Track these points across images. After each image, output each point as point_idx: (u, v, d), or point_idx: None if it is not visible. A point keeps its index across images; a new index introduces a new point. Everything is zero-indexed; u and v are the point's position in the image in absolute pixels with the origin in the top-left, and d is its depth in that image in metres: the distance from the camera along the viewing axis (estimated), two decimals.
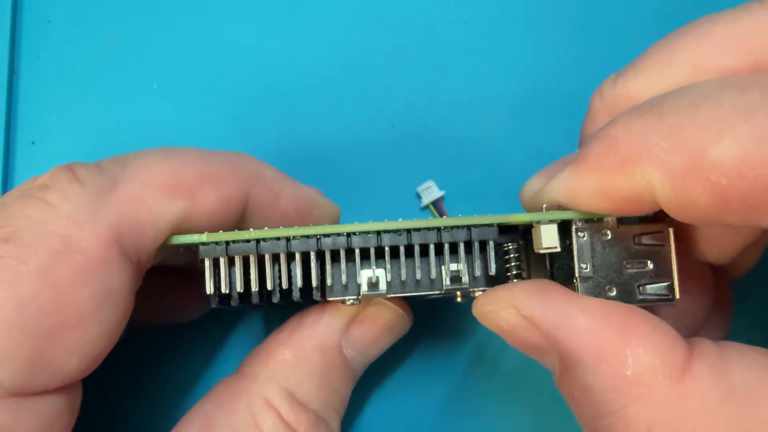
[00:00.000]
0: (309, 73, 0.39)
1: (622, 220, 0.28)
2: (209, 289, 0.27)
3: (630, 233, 0.28)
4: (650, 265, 0.28)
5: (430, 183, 0.42)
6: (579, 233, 0.28)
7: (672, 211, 0.23)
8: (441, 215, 0.41)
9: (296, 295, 0.28)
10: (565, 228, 0.28)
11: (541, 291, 0.26)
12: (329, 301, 0.29)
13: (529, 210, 0.30)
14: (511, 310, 0.26)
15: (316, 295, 0.29)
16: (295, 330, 0.30)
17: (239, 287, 0.27)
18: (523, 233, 0.30)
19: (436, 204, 0.42)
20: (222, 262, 0.27)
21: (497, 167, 0.40)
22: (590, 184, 0.25)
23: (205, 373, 0.37)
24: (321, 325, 0.30)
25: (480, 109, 0.40)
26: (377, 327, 0.31)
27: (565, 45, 0.40)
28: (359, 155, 0.39)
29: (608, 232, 0.28)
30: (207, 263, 0.27)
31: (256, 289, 0.28)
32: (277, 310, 0.37)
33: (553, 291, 0.26)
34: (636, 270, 0.28)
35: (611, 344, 0.22)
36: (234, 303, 0.28)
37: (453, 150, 0.41)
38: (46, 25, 0.37)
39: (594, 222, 0.28)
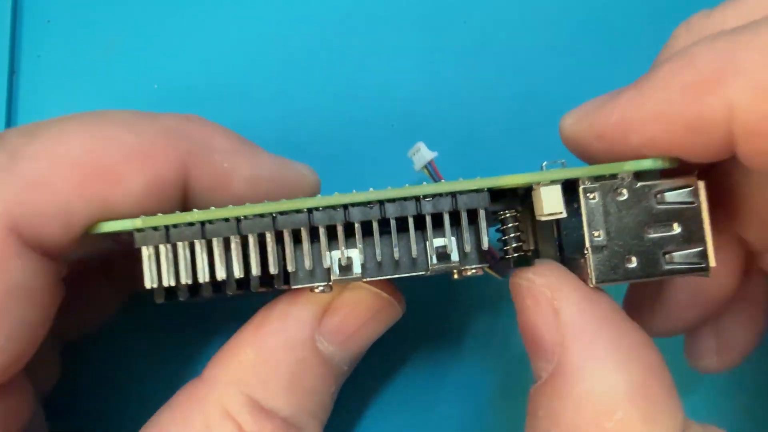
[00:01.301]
0: (304, 65, 0.37)
1: (640, 176, 0.23)
2: (149, 282, 0.23)
3: (651, 191, 0.23)
4: (677, 228, 0.23)
5: (419, 145, 0.37)
6: (588, 194, 0.23)
7: (748, 145, 0.20)
8: (436, 179, 0.36)
9: (254, 284, 0.24)
10: (571, 189, 0.24)
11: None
12: (296, 289, 0.25)
13: (573, 149, 0.25)
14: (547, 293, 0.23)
15: (279, 284, 0.24)
16: (260, 325, 0.26)
17: (185, 279, 0.23)
18: (524, 197, 0.26)
19: (429, 167, 0.37)
20: (163, 250, 0.23)
21: (495, 118, 0.36)
22: (654, 106, 0.21)
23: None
24: (289, 318, 0.25)
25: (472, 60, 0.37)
26: (357, 316, 0.26)
27: None
28: (346, 132, 0.38)
29: (623, 191, 0.23)
30: (145, 253, 0.23)
31: (207, 280, 0.23)
32: (266, 297, 0.33)
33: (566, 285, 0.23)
34: (660, 235, 0.23)
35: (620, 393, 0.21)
36: (183, 297, 0.24)
37: (442, 110, 0.37)
38: (47, 25, 0.37)
39: (606, 179, 0.23)
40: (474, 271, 0.24)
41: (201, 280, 0.23)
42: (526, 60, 0.37)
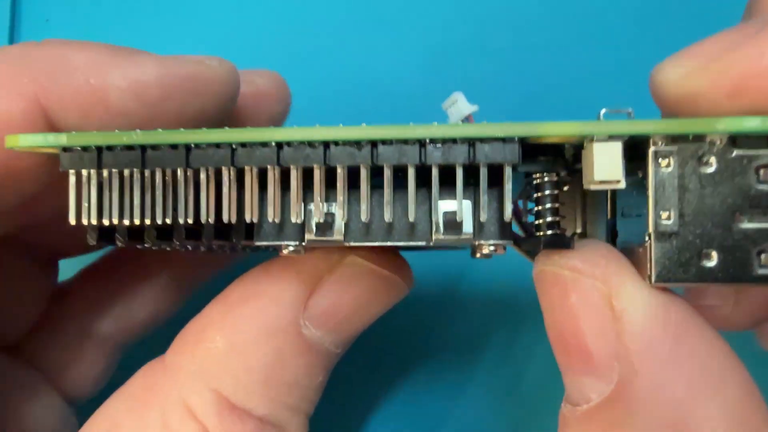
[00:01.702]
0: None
1: (738, 142, 0.16)
2: (72, 217, 0.18)
3: (751, 164, 0.16)
4: None
5: (457, 96, 0.31)
6: (660, 159, 0.16)
7: None
8: None
9: (207, 234, 0.19)
10: (636, 152, 0.17)
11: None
12: (260, 247, 0.20)
13: (669, 110, 0.18)
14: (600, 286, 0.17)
15: (239, 238, 0.19)
16: (232, 304, 0.20)
17: (115, 218, 0.18)
18: (573, 160, 0.19)
19: (466, 123, 0.31)
20: (90, 177, 0.18)
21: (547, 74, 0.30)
22: None
23: None
24: (267, 298, 0.20)
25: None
26: (351, 298, 0.21)
27: None
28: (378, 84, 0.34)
29: (712, 159, 0.16)
30: (72, 179, 0.18)
31: (148, 222, 0.18)
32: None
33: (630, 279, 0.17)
34: (757, 226, 0.16)
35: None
36: (121, 242, 0.19)
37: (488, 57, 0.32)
38: (45, 25, 0.36)
39: (688, 142, 0.16)
40: (492, 248, 0.18)
41: (136, 221, 0.18)
42: None
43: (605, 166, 0.16)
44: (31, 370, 0.26)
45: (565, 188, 0.25)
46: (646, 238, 0.17)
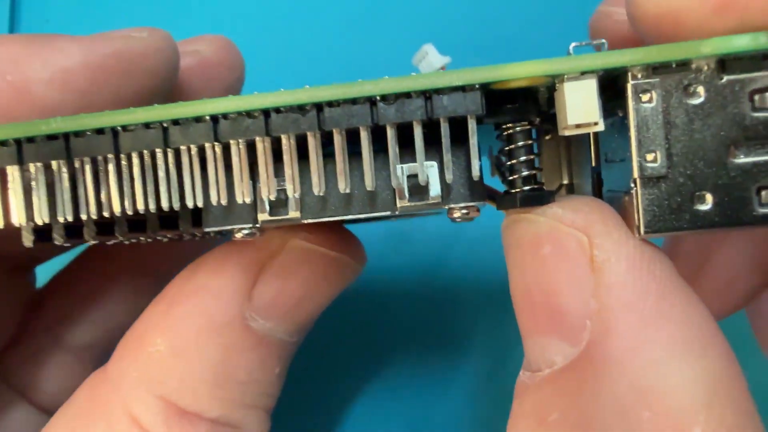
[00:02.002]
0: None
1: (728, 66, 0.14)
2: (0, 218, 0.17)
3: (744, 90, 0.14)
4: None
5: (428, 48, 0.29)
6: (641, 94, 0.15)
7: None
8: None
9: (152, 225, 0.17)
10: (614, 90, 0.15)
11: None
12: (210, 234, 0.18)
13: (648, 33, 0.16)
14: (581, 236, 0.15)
15: (187, 227, 0.17)
16: (171, 303, 0.19)
17: (45, 216, 0.16)
18: (549, 105, 0.17)
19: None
20: (13, 174, 0.16)
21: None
22: None
23: None
24: (207, 293, 0.19)
25: None
26: (298, 284, 0.19)
27: None
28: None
29: (699, 89, 0.14)
30: None
31: (84, 216, 0.17)
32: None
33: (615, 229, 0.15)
34: (754, 159, 0.14)
35: None
36: (60, 240, 0.17)
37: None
38: (45, 25, 0.36)
39: (671, 71, 0.14)
40: (464, 212, 0.16)
41: (69, 217, 0.16)
42: None
43: (579, 107, 0.15)
44: (2, 385, 0.24)
45: (548, 137, 0.24)
46: (632, 185, 0.15)
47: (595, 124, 0.15)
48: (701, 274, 0.22)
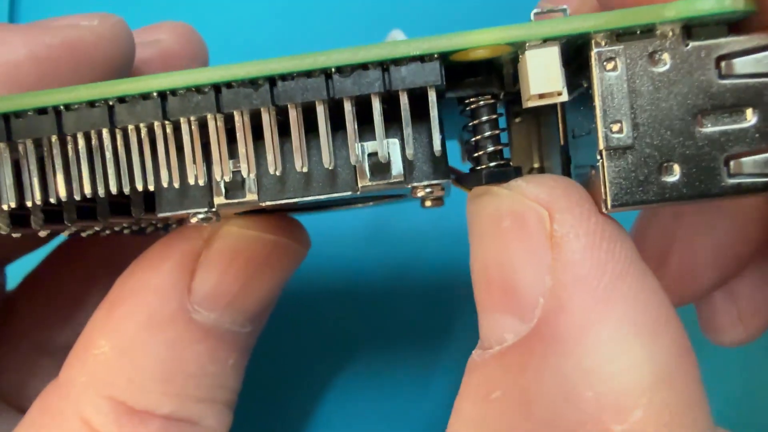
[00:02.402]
0: None
1: (694, 32, 0.14)
2: None
3: (710, 55, 0.14)
4: (751, 118, 0.14)
5: (396, 33, 0.28)
6: (605, 62, 0.14)
7: None
8: None
9: (102, 213, 0.16)
10: (578, 58, 0.15)
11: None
12: (167, 220, 0.17)
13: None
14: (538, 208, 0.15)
15: (139, 212, 0.17)
16: (112, 305, 0.18)
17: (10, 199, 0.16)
18: (515, 81, 0.17)
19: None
20: None
21: None
22: None
23: None
24: (144, 291, 0.18)
25: None
26: (237, 270, 0.19)
27: None
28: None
29: (665, 56, 0.14)
30: None
31: (29, 203, 0.16)
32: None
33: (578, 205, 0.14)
34: (722, 128, 0.14)
35: None
36: (4, 229, 0.17)
37: None
38: None
39: (635, 37, 0.14)
40: (429, 190, 0.16)
41: (12, 204, 0.16)
42: None
43: (542, 75, 0.14)
44: None
45: (518, 120, 0.23)
46: (598, 157, 0.14)
47: (559, 94, 0.14)
48: (663, 262, 0.21)
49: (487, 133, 0.16)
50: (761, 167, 0.14)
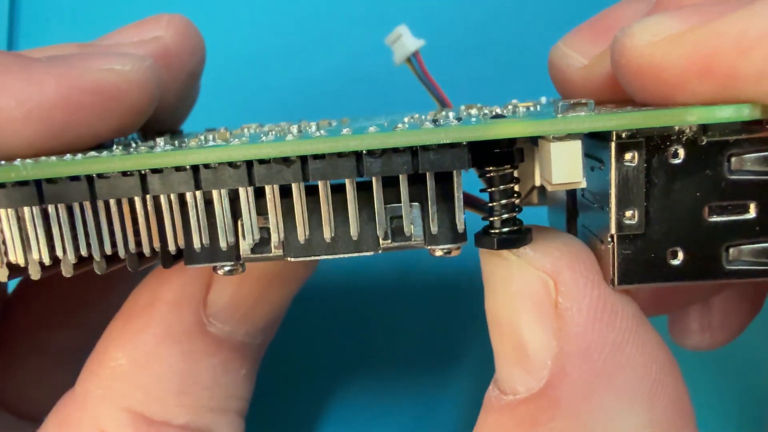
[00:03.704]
0: None
1: (709, 127, 0.15)
2: None
3: (724, 152, 0.15)
4: (753, 210, 0.15)
5: (401, 29, 0.28)
6: (625, 153, 0.15)
7: None
8: (422, 76, 0.27)
9: (132, 264, 0.17)
10: (595, 139, 0.15)
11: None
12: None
13: (626, 78, 0.16)
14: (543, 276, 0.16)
15: (167, 265, 0.17)
16: (128, 318, 0.19)
17: (20, 256, 0.16)
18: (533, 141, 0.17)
19: (413, 60, 0.28)
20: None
21: None
22: None
23: None
24: (162, 305, 0.19)
25: None
26: (250, 287, 0.20)
27: None
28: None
29: (680, 151, 0.15)
30: None
31: (61, 254, 0.16)
32: None
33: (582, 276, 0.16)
34: (726, 219, 0.15)
35: None
36: (36, 275, 0.17)
37: None
38: (45, 24, 0.35)
39: (656, 131, 0.15)
40: (446, 251, 0.17)
41: (45, 259, 0.16)
42: None
43: (564, 167, 0.15)
44: None
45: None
46: (609, 240, 0.15)
47: (578, 182, 0.15)
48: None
49: (503, 201, 0.17)
50: (759, 256, 0.15)
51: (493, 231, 0.17)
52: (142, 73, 0.18)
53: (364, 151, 0.15)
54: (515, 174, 0.16)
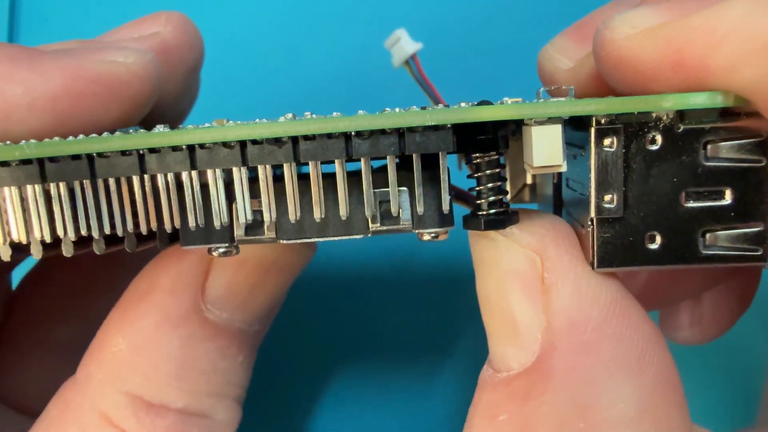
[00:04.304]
0: None
1: (687, 115, 0.15)
2: None
3: (700, 139, 0.15)
4: (728, 197, 0.15)
5: (400, 33, 0.29)
6: (603, 139, 0.15)
7: None
8: (420, 80, 0.28)
9: (130, 243, 0.18)
10: (577, 126, 0.16)
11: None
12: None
13: (606, 69, 0.17)
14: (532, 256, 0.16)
15: (163, 245, 0.18)
16: (127, 305, 0.19)
17: (23, 234, 0.17)
18: (515, 130, 0.18)
19: (411, 63, 0.29)
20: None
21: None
22: None
23: None
24: (160, 291, 0.19)
25: None
26: (248, 273, 0.20)
27: None
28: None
29: (657, 137, 0.15)
30: None
31: (62, 234, 0.17)
32: None
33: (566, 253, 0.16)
34: (702, 204, 0.15)
35: None
36: (37, 255, 0.18)
37: None
38: (44, 24, 0.35)
39: (634, 117, 0.15)
40: (433, 235, 0.17)
41: (44, 236, 0.17)
42: None
43: (545, 150, 0.15)
44: None
45: (514, 136, 0.24)
46: (589, 223, 0.16)
47: (559, 166, 0.15)
48: (634, 278, 0.23)
49: (489, 185, 0.17)
50: (734, 241, 0.15)
51: (480, 213, 0.17)
52: (143, 66, 0.18)
53: (353, 133, 0.15)
54: (501, 160, 0.17)
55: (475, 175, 0.17)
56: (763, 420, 0.26)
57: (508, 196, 0.23)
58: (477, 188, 0.18)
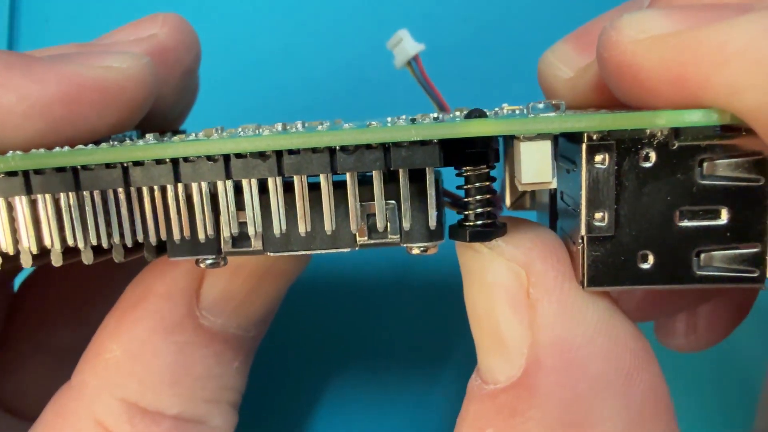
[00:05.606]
0: None
1: (682, 132, 0.15)
2: None
3: (695, 157, 0.15)
4: (724, 217, 0.15)
5: (402, 33, 0.28)
6: (594, 155, 0.15)
7: None
8: (422, 80, 0.28)
9: (118, 254, 0.17)
10: (569, 140, 0.16)
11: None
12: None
13: (607, 72, 0.16)
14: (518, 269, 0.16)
15: (150, 256, 0.18)
16: (123, 311, 0.19)
17: (10, 245, 0.17)
18: (506, 144, 0.18)
19: (413, 64, 0.28)
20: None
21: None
22: None
23: None
24: (157, 296, 0.19)
25: None
26: (243, 280, 0.20)
27: None
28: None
29: (651, 153, 0.15)
30: None
31: (50, 244, 0.17)
32: None
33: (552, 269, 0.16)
34: (697, 224, 0.15)
35: None
36: (27, 264, 0.18)
37: None
38: (45, 25, 0.35)
39: (627, 133, 0.15)
40: (422, 250, 0.17)
41: (33, 249, 0.17)
42: None
43: (533, 167, 0.15)
44: None
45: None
46: (579, 240, 0.15)
47: (548, 182, 0.15)
48: (629, 297, 0.23)
49: (477, 197, 0.17)
50: (730, 262, 0.15)
51: (467, 224, 0.17)
52: (139, 71, 0.18)
53: (338, 147, 0.15)
54: (491, 173, 0.17)
55: (465, 186, 0.17)
56: (760, 427, 0.26)
57: (507, 203, 0.23)
58: (465, 199, 0.17)
